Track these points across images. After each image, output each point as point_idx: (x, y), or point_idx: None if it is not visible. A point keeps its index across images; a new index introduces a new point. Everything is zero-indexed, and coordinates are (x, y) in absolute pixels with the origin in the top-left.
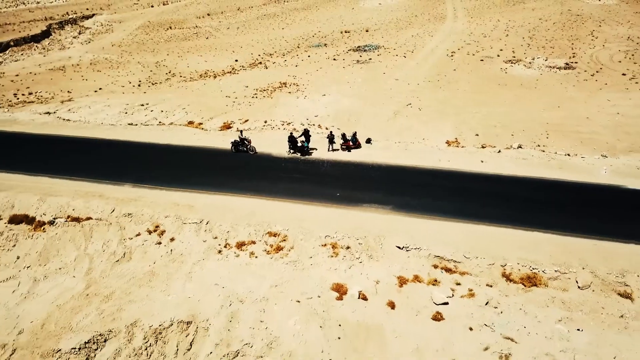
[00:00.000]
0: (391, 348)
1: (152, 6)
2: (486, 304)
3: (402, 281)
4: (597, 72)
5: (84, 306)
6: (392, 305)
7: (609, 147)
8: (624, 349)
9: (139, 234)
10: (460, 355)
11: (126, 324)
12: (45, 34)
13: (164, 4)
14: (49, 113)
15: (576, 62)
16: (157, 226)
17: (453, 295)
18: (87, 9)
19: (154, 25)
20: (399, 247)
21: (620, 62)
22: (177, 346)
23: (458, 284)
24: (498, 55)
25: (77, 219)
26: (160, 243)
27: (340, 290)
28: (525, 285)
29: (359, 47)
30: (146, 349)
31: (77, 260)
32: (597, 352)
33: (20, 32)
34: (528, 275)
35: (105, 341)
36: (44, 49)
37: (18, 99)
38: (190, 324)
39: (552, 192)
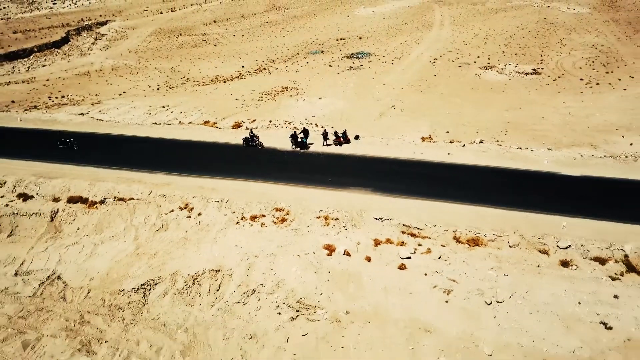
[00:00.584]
0: (366, 287)
1: (161, 13)
2: (439, 258)
3: (377, 242)
4: (559, 77)
5: (136, 262)
6: (368, 259)
7: (555, 142)
8: (535, 287)
9: (172, 210)
10: (415, 292)
11: (170, 273)
12: (65, 40)
13: (172, 11)
14: (82, 114)
15: (542, 68)
16: (186, 204)
17: (415, 252)
18: (100, 16)
19: (165, 32)
20: (376, 218)
21: (580, 68)
22: (209, 287)
23: (420, 244)
24: (475, 62)
25: (122, 199)
26: (190, 217)
27: (330, 249)
28: (469, 245)
29: (352, 54)
30: (186, 289)
31: (125, 230)
32: (515, 289)
33: (41, 38)
34: (472, 238)
35: (155, 284)
36: (64, 54)
37: (52, 101)
38: (218, 272)
39: (501, 177)
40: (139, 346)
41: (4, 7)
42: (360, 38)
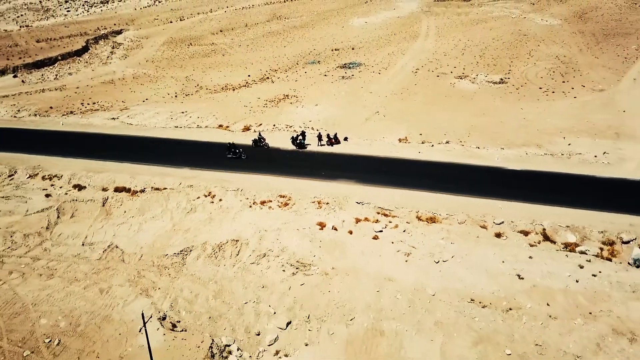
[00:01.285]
0: (347, 252)
1: (171, 22)
2: (403, 231)
3: (357, 220)
4: (521, 86)
5: (173, 235)
6: (350, 232)
7: (508, 143)
8: (473, 251)
9: (198, 197)
10: (384, 254)
11: (200, 243)
12: (85, 48)
13: (180, 20)
14: (114, 119)
15: (509, 78)
16: (209, 192)
17: (386, 227)
18: (115, 24)
19: (177, 42)
20: (357, 202)
21: (542, 78)
22: (230, 253)
23: (390, 222)
24: (451, 72)
25: (157, 189)
26: (212, 202)
27: (321, 225)
28: (428, 222)
29: (345, 64)
30: (214, 254)
31: (162, 212)
32: (457, 253)
33: (64, 47)
34: (430, 217)
35: (190, 251)
36: (86, 62)
37: (85, 107)
38: (237, 241)
39: (459, 171)
40: (182, 292)
41: (22, 15)
42: (352, 48)
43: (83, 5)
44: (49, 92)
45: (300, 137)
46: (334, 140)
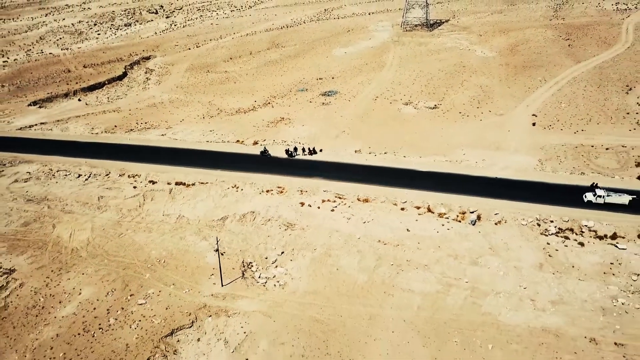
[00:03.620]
0: (316, 218)
1: (189, 48)
2: (348, 207)
3: (323, 201)
4: (448, 110)
5: (215, 210)
6: (318, 207)
7: (425, 153)
8: (386, 217)
9: (228, 188)
10: (335, 218)
11: (232, 213)
12: (124, 74)
13: (197, 46)
14: (163, 135)
15: (440, 104)
16: (235, 185)
17: (338, 205)
18: (143, 50)
19: (197, 68)
20: (324, 191)
21: (464, 104)
22: (249, 219)
23: (341, 201)
24: (401, 100)
25: (202, 183)
26: (237, 190)
27: (302, 204)
28: (363, 202)
29: (325, 92)
30: (240, 219)
31: (207, 197)
32: (377, 218)
33: (107, 73)
34: (365, 199)
35: (227, 217)
36: (127, 87)
37: (140, 126)
38: (253, 212)
39: (389, 172)
40: (224, 238)
41: (60, 38)
42: (333, 78)
43: (110, 28)
44: (109, 113)
45: (290, 150)
46: (312, 152)
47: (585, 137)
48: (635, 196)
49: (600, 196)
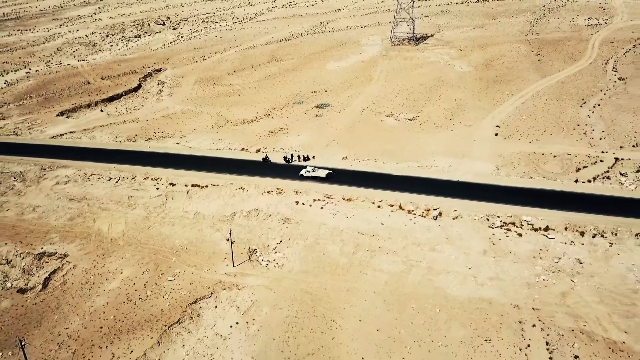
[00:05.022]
0: (308, 214)
1: (196, 61)
2: (335, 205)
3: (314, 200)
4: (424, 122)
5: (226, 207)
6: (310, 205)
7: (401, 159)
8: (364, 214)
9: (236, 189)
10: (323, 214)
11: (240, 210)
12: (139, 86)
13: (203, 59)
14: (178, 143)
15: (418, 116)
16: (241, 187)
17: (327, 203)
18: (155, 63)
19: (204, 81)
20: (315, 192)
21: (439, 116)
22: (254, 214)
23: (331, 202)
24: (384, 112)
25: (214, 185)
26: (243, 191)
27: (297, 203)
28: (347, 201)
29: (319, 104)
30: (246, 215)
31: (218, 197)
32: (357, 213)
33: (124, 85)
34: (349, 199)
35: (235, 213)
36: (143, 98)
37: (158, 135)
38: (257, 209)
39: (369, 177)
40: (234, 230)
41: (76, 49)
42: (326, 91)
43: (121, 39)
44: (129, 123)
45: (288, 157)
46: (306, 158)
47: (538, 146)
48: (331, 171)
49: (308, 171)
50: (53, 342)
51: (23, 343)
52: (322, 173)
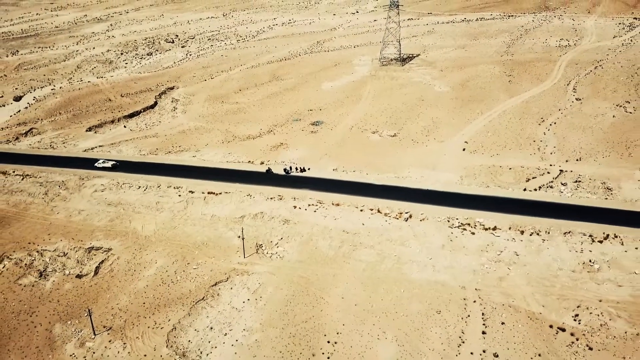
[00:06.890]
0: (303, 216)
1: (205, 80)
2: (326, 209)
3: (309, 205)
4: (404, 138)
5: (236, 210)
6: (305, 209)
7: (381, 171)
8: (349, 216)
9: (245, 196)
10: (316, 216)
11: (248, 213)
12: (155, 103)
13: (211, 78)
14: (194, 156)
15: (399, 133)
16: (249, 194)
17: (319, 207)
18: (168, 81)
19: (213, 99)
20: (310, 198)
21: (417, 133)
22: (260, 217)
23: (323, 206)
24: (370, 129)
25: (227, 192)
26: (250, 198)
27: (295, 207)
28: (336, 205)
29: (314, 122)
30: (254, 217)
31: (230, 202)
32: (344, 216)
33: (142, 102)
34: (337, 203)
35: (245, 216)
36: (159, 114)
37: (176, 149)
38: (262, 213)
39: (355, 185)
40: (244, 228)
41: (95, 67)
42: (320, 109)
43: (135, 57)
44: (150, 138)
45: (287, 169)
46: (302, 170)
47: (497, 159)
48: (116, 162)
49: (101, 162)
50: (108, 313)
51: (91, 312)
52: (109, 164)
